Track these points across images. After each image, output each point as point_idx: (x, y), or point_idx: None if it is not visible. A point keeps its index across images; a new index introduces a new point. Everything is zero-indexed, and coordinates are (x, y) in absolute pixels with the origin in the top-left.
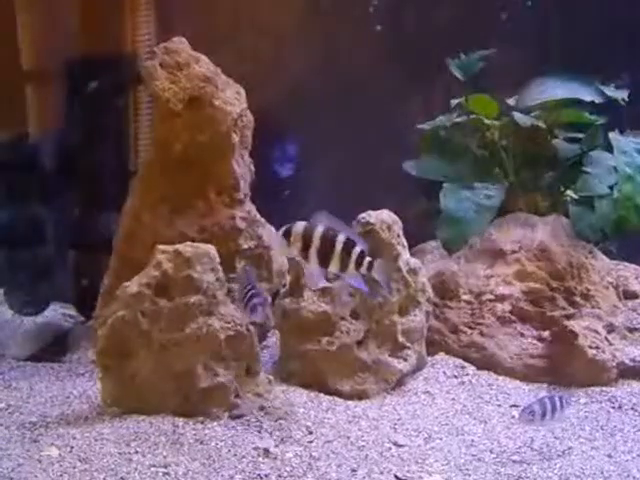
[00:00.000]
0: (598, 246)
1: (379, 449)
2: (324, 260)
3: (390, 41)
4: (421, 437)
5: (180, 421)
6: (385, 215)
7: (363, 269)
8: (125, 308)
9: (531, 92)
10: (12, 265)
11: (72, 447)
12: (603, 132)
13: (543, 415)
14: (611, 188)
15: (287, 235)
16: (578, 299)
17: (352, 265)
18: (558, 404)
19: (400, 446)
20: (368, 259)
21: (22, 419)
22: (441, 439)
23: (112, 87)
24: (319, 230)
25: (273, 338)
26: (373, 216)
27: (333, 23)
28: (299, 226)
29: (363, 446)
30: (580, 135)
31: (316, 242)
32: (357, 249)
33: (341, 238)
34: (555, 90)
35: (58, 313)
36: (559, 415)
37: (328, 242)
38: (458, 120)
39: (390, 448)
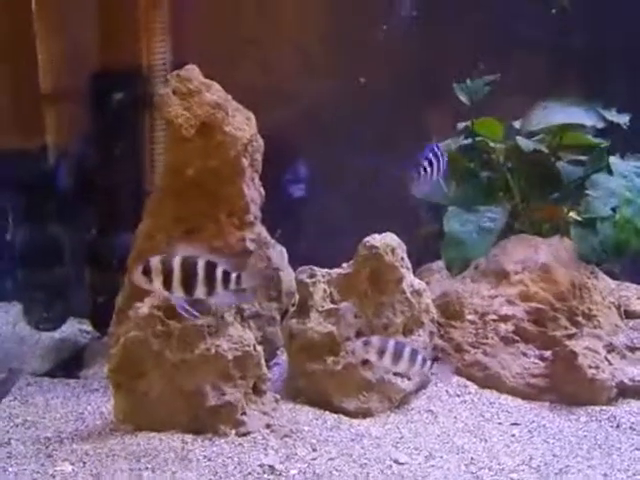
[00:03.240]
0: (601, 267)
1: (380, 467)
2: (189, 288)
3: (400, 64)
4: (422, 455)
5: (189, 438)
6: (389, 238)
7: (232, 285)
8: (137, 329)
9: (535, 116)
10: (30, 282)
11: (85, 463)
12: (607, 155)
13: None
14: (614, 210)
15: (147, 271)
16: (580, 319)
17: (219, 285)
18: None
19: (401, 464)
20: (234, 274)
21: (37, 434)
22: (441, 457)
23: (128, 108)
24: (177, 261)
25: (283, 356)
26: (377, 239)
27: (342, 47)
28: (156, 261)
29: (365, 464)
30: (584, 158)
31: (177, 273)
32: (219, 269)
33: (201, 263)
34: (557, 115)
35: (75, 329)
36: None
37: (189, 270)
38: (464, 143)
39: (391, 466)
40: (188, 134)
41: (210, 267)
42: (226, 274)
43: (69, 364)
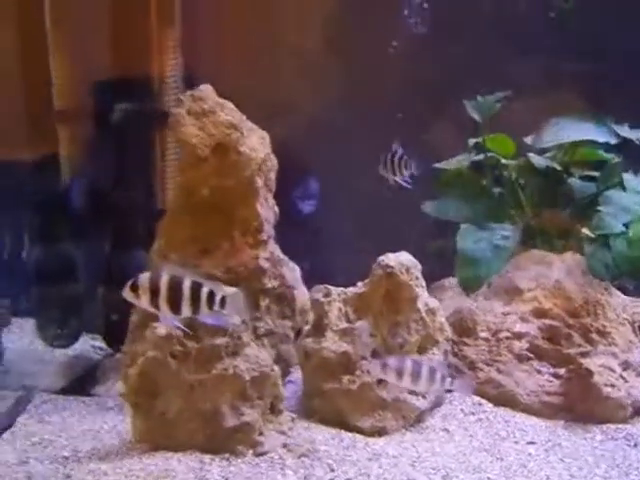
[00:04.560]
0: (614, 283)
1: None
2: (175, 306)
3: (410, 79)
4: (439, 475)
5: (207, 458)
6: (403, 258)
7: (216, 307)
8: (155, 349)
9: (546, 133)
10: (45, 299)
11: None
12: (620, 170)
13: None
14: (627, 227)
15: (134, 288)
16: (594, 336)
17: (204, 305)
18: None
19: None
20: (219, 296)
21: (55, 453)
22: (458, 477)
23: (141, 125)
24: (164, 279)
25: (296, 374)
26: (392, 259)
27: (351, 63)
28: (144, 278)
29: None
30: (597, 173)
31: (163, 290)
32: (205, 289)
33: (187, 283)
34: (569, 131)
35: (87, 345)
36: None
37: (175, 288)
38: (475, 159)
39: None
40: (203, 154)
41: (196, 286)
42: (211, 295)
43: (83, 381)
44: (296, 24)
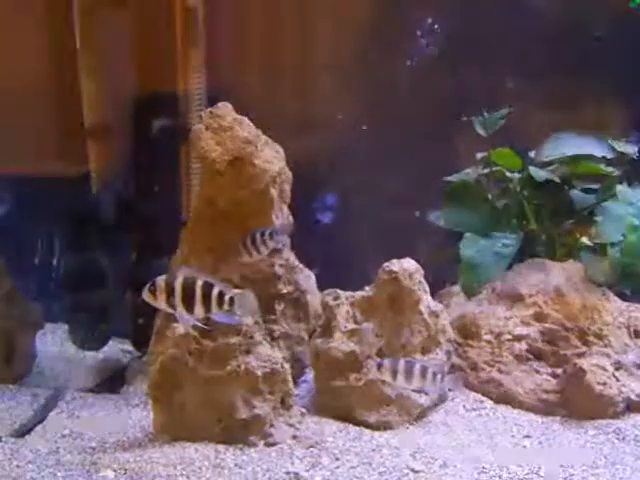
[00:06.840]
0: (613, 289)
1: (397, 474)
2: (189, 305)
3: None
4: (437, 464)
5: (221, 448)
6: (407, 263)
7: (225, 306)
8: (174, 347)
9: (547, 148)
10: (76, 305)
11: (126, 470)
12: (618, 183)
13: (393, 373)
14: (624, 236)
15: (153, 290)
16: (591, 338)
17: (214, 305)
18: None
19: (417, 472)
20: (228, 296)
21: (83, 445)
22: (455, 466)
23: (166, 141)
24: (179, 280)
25: (311, 374)
26: (396, 264)
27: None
28: (160, 280)
29: (383, 472)
30: (596, 186)
31: (178, 291)
32: (215, 290)
33: (199, 283)
34: (569, 146)
35: (116, 349)
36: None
37: (188, 289)
38: (482, 172)
39: (408, 473)
40: (220, 167)
41: (207, 287)
42: (221, 295)
43: (111, 382)
44: (317, 46)
